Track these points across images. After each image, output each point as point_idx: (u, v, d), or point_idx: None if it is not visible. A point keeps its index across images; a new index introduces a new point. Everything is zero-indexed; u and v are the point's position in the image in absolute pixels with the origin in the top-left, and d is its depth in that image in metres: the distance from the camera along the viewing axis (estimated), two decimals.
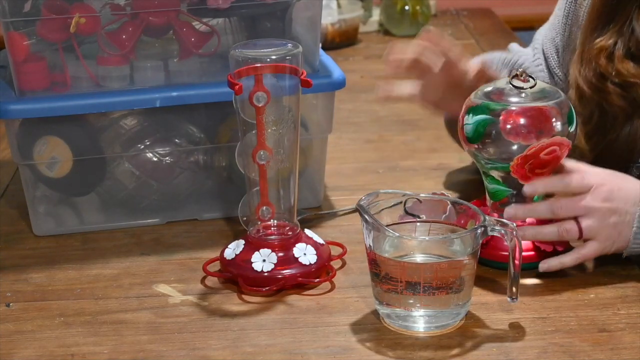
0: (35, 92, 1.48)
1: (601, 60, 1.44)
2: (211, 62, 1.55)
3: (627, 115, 1.44)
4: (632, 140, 1.44)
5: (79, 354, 1.23)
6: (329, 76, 1.54)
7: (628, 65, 1.43)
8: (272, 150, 1.36)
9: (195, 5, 1.52)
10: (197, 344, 1.24)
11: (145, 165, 1.54)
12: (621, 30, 1.44)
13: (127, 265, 1.44)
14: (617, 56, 1.44)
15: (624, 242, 1.33)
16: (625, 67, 1.43)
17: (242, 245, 1.38)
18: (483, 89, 1.37)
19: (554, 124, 1.34)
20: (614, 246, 1.34)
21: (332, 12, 2.48)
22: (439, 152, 1.77)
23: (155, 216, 1.56)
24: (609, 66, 1.44)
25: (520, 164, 1.34)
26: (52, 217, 1.56)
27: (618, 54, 1.44)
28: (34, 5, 1.47)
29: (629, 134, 1.44)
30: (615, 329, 1.25)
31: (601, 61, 1.44)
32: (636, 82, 1.43)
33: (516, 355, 1.20)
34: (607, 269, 1.37)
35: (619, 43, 1.44)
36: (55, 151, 1.51)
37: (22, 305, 1.34)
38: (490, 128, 1.34)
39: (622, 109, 1.44)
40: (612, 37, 1.45)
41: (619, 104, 1.44)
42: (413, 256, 1.26)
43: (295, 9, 1.56)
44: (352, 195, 1.61)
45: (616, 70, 1.43)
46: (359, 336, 1.25)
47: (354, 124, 1.97)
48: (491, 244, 1.36)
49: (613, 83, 1.42)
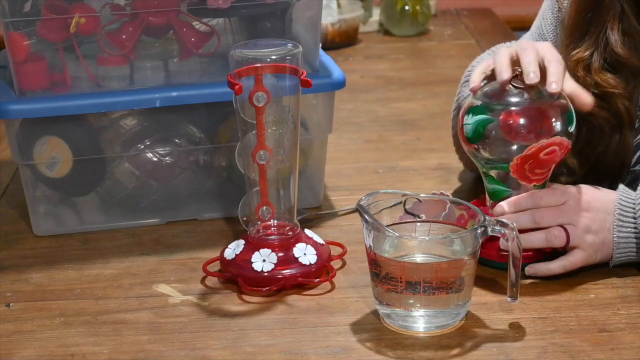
0: (35, 92, 1.48)
1: (579, 72, 1.44)
2: (211, 62, 1.55)
3: (612, 126, 1.45)
4: (621, 149, 1.45)
5: (79, 354, 1.23)
6: (329, 76, 1.54)
7: (606, 76, 1.44)
8: (272, 150, 1.36)
9: (195, 5, 1.52)
10: (197, 344, 1.24)
11: (145, 165, 1.54)
12: (597, 42, 1.44)
13: (127, 265, 1.44)
14: (595, 68, 1.44)
15: (607, 250, 1.34)
16: (603, 78, 1.44)
17: (242, 245, 1.38)
18: (483, 89, 1.37)
19: (554, 124, 1.34)
20: (599, 255, 1.34)
21: (332, 12, 2.49)
22: (439, 152, 1.77)
23: (155, 216, 1.56)
24: (587, 77, 1.44)
25: (519, 164, 1.34)
26: (52, 217, 1.56)
27: (595, 65, 1.44)
28: (34, 5, 1.47)
29: (618, 143, 1.45)
30: (615, 329, 1.25)
31: (580, 73, 1.44)
32: (615, 92, 1.43)
33: (516, 355, 1.20)
34: (607, 269, 1.37)
35: (595, 55, 1.44)
36: (55, 151, 1.51)
37: (22, 305, 1.34)
38: (490, 128, 1.34)
39: (607, 121, 1.44)
40: (589, 48, 1.45)
41: (602, 116, 1.44)
42: (413, 256, 1.26)
43: (295, 9, 1.56)
44: (352, 195, 1.62)
45: (595, 82, 1.44)
46: (359, 336, 1.25)
47: (354, 124, 1.97)
48: (491, 244, 1.36)
49: (593, 94, 1.43)
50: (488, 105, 1.35)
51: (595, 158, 1.46)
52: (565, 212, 1.34)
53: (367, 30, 2.64)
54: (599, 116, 1.44)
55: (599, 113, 1.44)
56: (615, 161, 1.46)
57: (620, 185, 1.38)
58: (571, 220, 1.33)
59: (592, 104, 1.39)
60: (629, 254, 1.35)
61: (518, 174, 1.35)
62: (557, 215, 1.34)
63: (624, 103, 1.44)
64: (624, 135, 1.45)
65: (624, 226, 1.34)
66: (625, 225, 1.34)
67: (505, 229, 1.23)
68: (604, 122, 1.45)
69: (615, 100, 1.44)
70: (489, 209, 1.40)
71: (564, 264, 1.34)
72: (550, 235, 1.33)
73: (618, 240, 1.34)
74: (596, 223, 1.34)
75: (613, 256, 1.35)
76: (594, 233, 1.34)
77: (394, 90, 2.18)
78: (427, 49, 2.49)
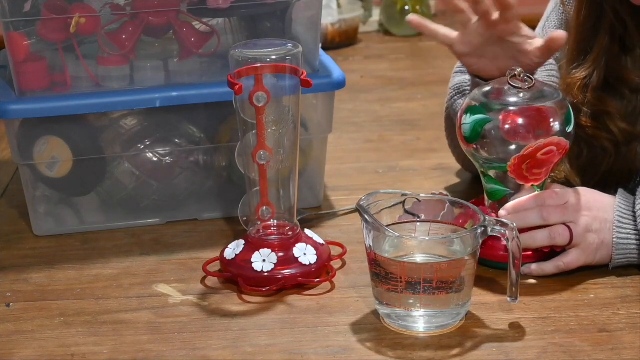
0: (35, 92, 1.48)
1: (575, 92, 1.44)
2: (211, 62, 1.55)
3: (615, 145, 1.45)
4: (631, 161, 1.45)
5: (79, 354, 1.23)
6: (329, 76, 1.54)
7: (601, 95, 1.44)
8: (272, 150, 1.36)
9: (195, 5, 1.52)
10: (197, 344, 1.24)
11: (145, 165, 1.54)
12: (598, 59, 1.44)
13: (127, 265, 1.44)
14: (592, 87, 1.44)
15: (607, 251, 1.34)
16: (597, 97, 1.44)
17: (242, 245, 1.38)
18: (482, 89, 1.37)
19: (552, 124, 1.34)
20: (597, 256, 1.34)
21: (332, 12, 2.48)
22: (438, 152, 1.77)
23: (155, 216, 1.56)
24: (582, 97, 1.44)
25: (517, 164, 1.34)
26: (52, 217, 1.56)
27: (593, 84, 1.44)
28: (34, 5, 1.47)
29: (624, 157, 1.45)
30: (615, 329, 1.25)
31: (574, 93, 1.44)
32: (608, 111, 1.43)
33: (516, 355, 1.20)
34: (607, 269, 1.37)
35: (595, 73, 1.44)
36: (55, 151, 1.51)
37: (22, 305, 1.34)
38: (488, 128, 1.34)
39: (608, 140, 1.45)
40: (589, 67, 1.45)
41: (601, 136, 1.44)
42: (413, 256, 1.26)
43: (295, 9, 1.56)
44: (352, 195, 1.62)
45: (589, 101, 1.44)
46: (359, 336, 1.25)
47: (354, 124, 1.97)
48: (490, 244, 1.36)
49: (586, 115, 1.43)
50: (486, 105, 1.35)
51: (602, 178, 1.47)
52: (569, 210, 1.34)
53: (367, 30, 2.64)
54: (597, 137, 1.44)
55: (596, 134, 1.44)
56: (623, 174, 1.46)
57: (620, 189, 1.38)
58: (574, 219, 1.34)
59: (564, 37, 1.38)
60: (629, 255, 1.34)
61: (516, 174, 1.36)
62: (563, 213, 1.34)
63: (617, 125, 1.44)
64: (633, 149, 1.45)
65: (624, 227, 1.34)
66: (624, 226, 1.34)
67: (505, 229, 1.23)
68: (604, 141, 1.45)
69: (608, 122, 1.44)
70: (487, 208, 1.40)
71: (557, 265, 1.35)
72: (554, 233, 1.33)
73: (618, 241, 1.34)
74: (597, 222, 1.34)
75: (613, 257, 1.35)
76: (594, 232, 1.34)
77: (394, 90, 2.18)
78: (427, 49, 2.49)
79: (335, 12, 2.50)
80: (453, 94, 1.58)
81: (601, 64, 1.44)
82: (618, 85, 1.45)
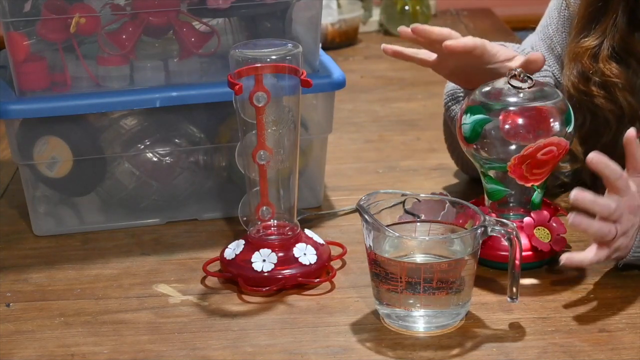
0: (35, 92, 1.48)
1: (585, 60, 1.44)
2: (211, 62, 1.55)
3: (618, 117, 1.44)
4: None
5: (79, 354, 1.23)
6: (329, 76, 1.54)
7: (611, 66, 1.44)
8: (272, 150, 1.36)
9: (195, 5, 1.52)
10: (197, 344, 1.24)
11: (145, 165, 1.54)
12: (607, 29, 1.44)
13: (127, 265, 1.44)
14: (602, 57, 1.44)
15: (625, 251, 1.31)
16: (608, 68, 1.44)
17: (242, 245, 1.38)
18: (481, 89, 1.37)
19: (552, 124, 1.34)
20: (616, 254, 1.32)
21: (332, 12, 2.49)
22: (438, 152, 1.77)
23: (155, 216, 1.56)
24: (592, 66, 1.44)
25: (517, 164, 1.34)
26: (52, 217, 1.56)
27: (603, 54, 1.44)
28: (34, 5, 1.47)
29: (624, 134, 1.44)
30: (615, 329, 1.25)
31: (584, 61, 1.44)
32: (617, 82, 1.43)
33: (516, 355, 1.20)
34: (607, 269, 1.37)
35: (605, 43, 1.44)
36: (55, 151, 1.51)
37: (22, 305, 1.34)
38: (488, 128, 1.34)
39: (612, 112, 1.44)
40: (598, 37, 1.45)
41: (606, 107, 1.44)
42: (413, 256, 1.26)
43: (295, 9, 1.56)
44: (352, 195, 1.62)
45: (599, 70, 1.44)
46: (359, 336, 1.25)
47: (354, 124, 1.97)
48: (490, 244, 1.36)
49: (595, 84, 1.42)
50: (486, 105, 1.35)
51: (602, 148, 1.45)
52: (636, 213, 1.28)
53: (367, 30, 2.64)
54: (602, 108, 1.44)
55: (603, 104, 1.44)
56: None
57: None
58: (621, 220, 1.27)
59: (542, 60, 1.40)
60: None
61: (516, 174, 1.36)
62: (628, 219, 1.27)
63: (626, 97, 1.44)
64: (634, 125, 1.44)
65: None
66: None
67: (505, 229, 1.23)
68: (608, 113, 1.44)
69: (617, 93, 1.43)
70: (487, 208, 1.40)
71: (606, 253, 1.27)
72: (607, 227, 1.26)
73: (638, 244, 1.30)
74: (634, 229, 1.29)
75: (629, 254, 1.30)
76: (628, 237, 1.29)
77: (394, 90, 2.18)
78: None
79: (335, 12, 2.50)
80: (447, 100, 1.58)
81: (611, 34, 1.44)
82: (627, 58, 1.45)
